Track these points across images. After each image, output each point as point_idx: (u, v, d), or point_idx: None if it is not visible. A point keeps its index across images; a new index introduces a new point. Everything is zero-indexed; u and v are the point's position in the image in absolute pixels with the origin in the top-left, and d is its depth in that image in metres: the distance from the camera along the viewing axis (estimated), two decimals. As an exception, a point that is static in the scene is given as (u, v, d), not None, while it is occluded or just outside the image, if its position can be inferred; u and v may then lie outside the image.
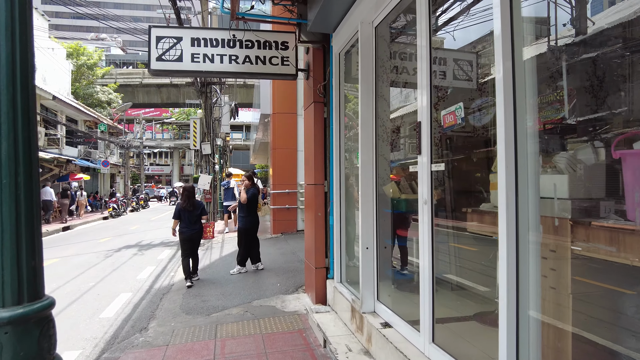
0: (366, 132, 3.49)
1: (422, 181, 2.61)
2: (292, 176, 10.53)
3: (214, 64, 4.61)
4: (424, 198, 2.55)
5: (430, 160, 2.52)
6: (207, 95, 12.68)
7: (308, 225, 4.92)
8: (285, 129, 10.49)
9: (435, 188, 4.37)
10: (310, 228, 4.75)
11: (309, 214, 4.86)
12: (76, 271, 7.55)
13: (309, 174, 4.90)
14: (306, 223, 5.05)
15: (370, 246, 3.41)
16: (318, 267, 4.57)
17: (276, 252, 7.99)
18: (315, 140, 4.63)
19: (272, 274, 6.31)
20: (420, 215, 2.60)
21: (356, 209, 4.32)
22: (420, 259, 2.62)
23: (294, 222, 10.54)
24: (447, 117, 2.46)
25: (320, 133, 4.65)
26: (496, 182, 3.18)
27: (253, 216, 6.64)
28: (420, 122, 2.59)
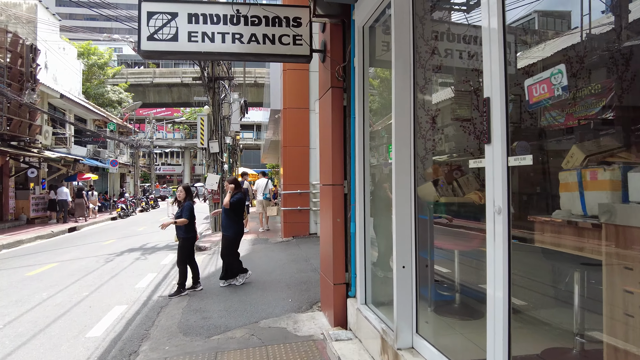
0: (401, 121, 2.76)
1: (491, 181, 1.87)
2: (304, 175, 9.83)
3: (215, 44, 3.93)
4: (497, 205, 1.81)
5: (506, 151, 1.79)
6: (215, 91, 12.07)
7: (324, 233, 4.21)
8: (296, 125, 9.80)
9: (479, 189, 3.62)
10: (327, 236, 4.03)
11: (326, 220, 4.15)
12: (72, 278, 6.98)
13: (325, 172, 4.18)
14: (322, 230, 4.33)
15: (407, 264, 2.68)
16: (337, 282, 3.85)
17: (287, 259, 7.30)
18: (332, 133, 3.91)
19: (283, 285, 5.60)
20: (490, 229, 1.87)
21: (384, 215, 3.59)
22: (489, 286, 1.88)
23: (306, 225, 9.84)
24: (535, 88, 1.72)
25: (338, 124, 3.93)
26: (569, 182, 2.43)
27: (240, 225, 5.94)
28: (490, 97, 1.85)
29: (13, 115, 13.19)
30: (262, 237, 10.53)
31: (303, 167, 9.82)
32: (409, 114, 2.73)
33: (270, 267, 6.81)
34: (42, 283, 6.64)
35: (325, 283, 4.15)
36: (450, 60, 3.67)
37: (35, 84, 14.25)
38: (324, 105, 4.21)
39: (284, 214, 9.84)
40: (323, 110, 4.26)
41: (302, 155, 9.82)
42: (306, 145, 9.85)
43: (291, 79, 9.75)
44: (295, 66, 9.75)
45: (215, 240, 10.20)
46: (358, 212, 3.57)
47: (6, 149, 13.10)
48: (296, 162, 9.81)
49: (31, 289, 6.28)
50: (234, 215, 5.79)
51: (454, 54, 3.68)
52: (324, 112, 4.19)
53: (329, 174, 3.95)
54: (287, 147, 9.85)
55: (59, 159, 16.61)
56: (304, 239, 9.41)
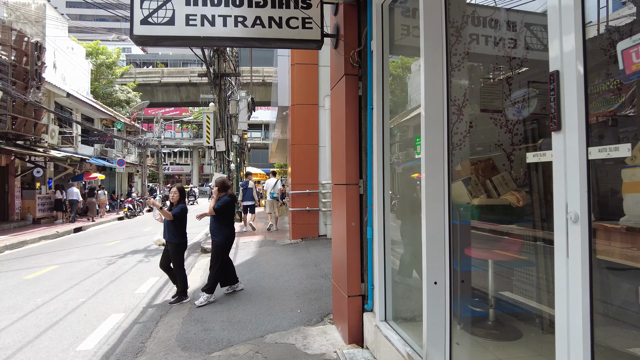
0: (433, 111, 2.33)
1: (562, 179, 1.43)
2: (313, 175, 9.42)
3: (215, 28, 3.53)
4: (572, 211, 1.37)
5: (585, 140, 1.34)
6: (221, 88, 11.72)
7: (337, 238, 3.78)
8: (305, 122, 9.39)
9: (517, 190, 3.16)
10: (340, 242, 3.61)
11: (338, 223, 3.73)
12: (70, 282, 6.67)
13: (337, 171, 3.76)
14: (334, 235, 3.91)
15: (440, 279, 2.25)
16: (352, 294, 3.43)
17: (295, 264, 6.89)
18: (346, 126, 3.48)
19: (291, 294, 5.19)
20: (560, 241, 1.43)
21: (408, 219, 3.16)
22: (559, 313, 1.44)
23: (315, 226, 9.42)
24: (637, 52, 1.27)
25: (353, 116, 3.50)
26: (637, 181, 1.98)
27: (231, 228, 5.34)
28: (559, 71, 1.41)
29: (18, 114, 13.01)
30: (270, 238, 10.15)
31: (312, 166, 9.41)
32: (441, 103, 2.30)
33: (277, 271, 6.41)
34: (38, 287, 6.34)
35: (338, 294, 3.73)
36: (482, 46, 3.24)
37: (40, 83, 14.07)
38: (336, 95, 3.79)
39: (292, 214, 9.44)
40: (335, 101, 3.83)
41: (311, 153, 9.41)
42: (315, 143, 9.43)
43: (300, 73, 9.34)
44: (304, 60, 9.34)
45: (221, 242, 9.85)
46: (376, 215, 3.14)
47: (11, 148, 12.93)
48: (305, 160, 9.40)
49: (26, 294, 5.97)
50: (223, 219, 5.19)
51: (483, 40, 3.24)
52: (337, 104, 3.77)
53: (342, 173, 3.53)
54: (296, 145, 9.45)
55: (65, 158, 16.46)
56: (313, 241, 8.99)
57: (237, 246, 9.23)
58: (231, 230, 5.31)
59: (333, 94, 3.95)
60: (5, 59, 12.84)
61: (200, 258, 8.49)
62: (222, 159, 11.89)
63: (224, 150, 11.71)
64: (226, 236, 5.21)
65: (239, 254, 8.31)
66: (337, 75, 3.72)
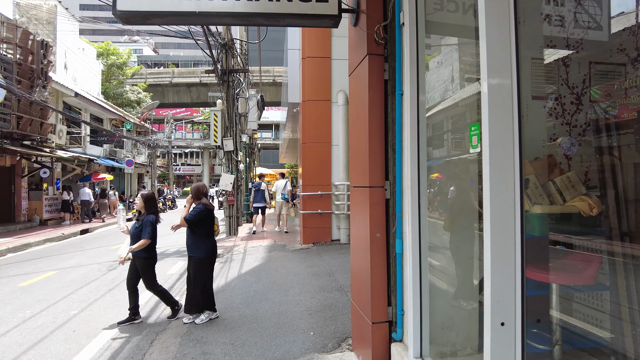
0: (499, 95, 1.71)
1: None
2: (325, 175, 8.83)
3: (214, 2, 2.98)
4: None
5: None
6: (229, 85, 11.22)
7: (357, 252, 3.18)
8: (317, 119, 8.81)
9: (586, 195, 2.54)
10: (362, 256, 3.01)
11: (359, 233, 3.13)
12: (66, 290, 6.21)
13: (358, 170, 3.16)
14: (353, 247, 3.31)
15: (508, 319, 1.63)
16: (376, 321, 2.83)
17: (307, 272, 6.30)
18: (370, 117, 2.88)
19: (303, 310, 4.59)
20: None
21: (454, 231, 2.55)
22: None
23: (327, 230, 8.83)
24: None
25: (378, 104, 2.90)
26: None
27: (211, 241, 4.57)
28: None
29: (23, 114, 12.73)
30: (280, 242, 9.60)
31: (324, 166, 8.82)
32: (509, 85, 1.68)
33: (287, 282, 5.84)
34: (31, 296, 5.88)
35: (359, 318, 3.13)
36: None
37: (46, 81, 13.78)
38: (356, 81, 3.19)
39: (303, 218, 8.87)
40: (356, 88, 3.24)
41: (324, 152, 8.82)
42: (328, 142, 8.84)
43: (311, 67, 8.77)
44: (316, 53, 8.77)
45: (229, 246, 9.34)
46: (409, 225, 2.53)
47: (16, 148, 12.64)
48: (317, 160, 8.82)
49: (17, 304, 5.51)
50: (199, 230, 4.42)
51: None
52: (357, 91, 3.17)
53: (364, 173, 2.93)
54: (307, 144, 8.87)
55: (72, 158, 16.19)
56: (326, 247, 8.40)
57: (246, 251, 8.70)
58: (212, 243, 4.55)
59: (352, 81, 3.36)
60: (10, 57, 12.57)
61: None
62: (230, 158, 11.38)
63: (232, 149, 11.20)
64: (207, 249, 4.44)
65: (247, 260, 7.77)
66: (358, 56, 3.12)
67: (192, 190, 4.53)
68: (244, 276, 6.50)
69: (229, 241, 10.16)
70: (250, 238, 10.59)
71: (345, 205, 8.41)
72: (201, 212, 4.38)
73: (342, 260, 6.87)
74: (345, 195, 8.42)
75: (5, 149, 12.31)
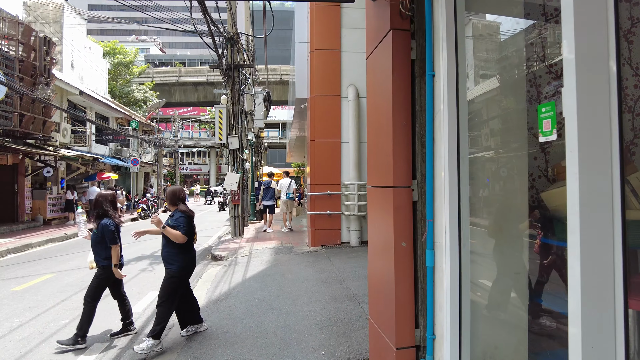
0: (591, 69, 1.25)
1: None
2: (334, 174, 8.38)
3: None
4: None
5: None
6: (235, 80, 10.81)
7: (377, 263, 2.73)
8: (326, 114, 8.36)
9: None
10: (383, 269, 2.56)
11: (379, 241, 2.67)
12: (60, 296, 5.85)
13: (378, 168, 2.71)
14: (372, 257, 2.85)
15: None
16: (402, 346, 2.37)
17: (316, 279, 5.85)
18: (394, 104, 2.42)
19: (312, 324, 4.14)
20: None
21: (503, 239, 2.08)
22: None
23: (337, 232, 8.38)
24: None
25: (403, 88, 2.44)
26: None
27: (190, 254, 3.98)
28: None
29: (25, 111, 12.47)
30: (287, 244, 9.17)
31: (334, 164, 8.37)
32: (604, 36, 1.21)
33: (294, 289, 5.40)
34: (22, 303, 5.53)
35: (379, 340, 2.67)
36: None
37: (49, 79, 13.52)
38: (376, 63, 2.74)
39: (311, 219, 8.42)
40: (375, 71, 2.78)
41: (333, 150, 8.37)
42: (337, 139, 8.39)
43: (320, 60, 8.32)
44: (325, 45, 8.32)
45: (234, 248, 8.93)
46: (447, 233, 2.08)
47: (18, 147, 12.38)
48: (326, 158, 8.37)
49: (6, 311, 5.16)
50: (183, 244, 3.84)
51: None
52: (377, 75, 2.71)
53: (387, 170, 2.48)
54: (315, 141, 8.42)
55: (76, 157, 15.93)
56: (335, 250, 7.95)
57: (251, 253, 8.29)
58: (190, 257, 3.95)
59: (371, 64, 2.90)
60: (13, 53, 12.31)
61: (210, 267, 7.58)
62: (236, 157, 10.98)
63: (237, 147, 10.79)
64: (182, 264, 3.82)
65: (252, 263, 7.35)
66: (378, 34, 2.66)
67: (168, 195, 3.95)
68: (248, 282, 6.08)
69: (234, 243, 9.77)
70: (256, 239, 10.18)
71: (356, 205, 7.95)
72: (182, 220, 3.80)
73: (353, 266, 6.41)
74: (355, 195, 7.96)
75: (7, 148, 12.05)
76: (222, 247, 9.33)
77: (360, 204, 7.99)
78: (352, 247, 8.11)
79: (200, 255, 9.14)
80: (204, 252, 9.43)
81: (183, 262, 3.83)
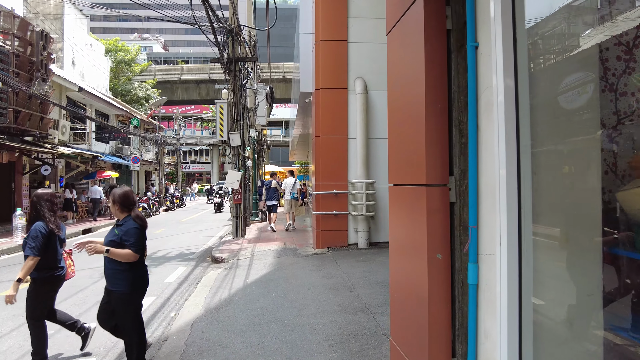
0: None
1: None
2: (341, 172, 7.93)
3: None
4: None
5: None
6: (236, 74, 10.38)
7: (402, 275, 2.28)
8: (332, 109, 7.91)
9: None
10: (410, 282, 2.12)
11: (405, 250, 2.23)
12: (48, 303, 5.43)
13: (403, 162, 2.26)
14: (395, 268, 2.40)
15: None
16: (437, 381, 1.93)
17: (323, 285, 5.41)
18: (427, 83, 1.97)
19: (321, 339, 3.69)
20: None
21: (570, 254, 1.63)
22: None
23: (343, 234, 7.94)
24: None
25: (438, 65, 1.99)
26: None
27: (141, 269, 3.19)
28: None
29: (21, 108, 12.09)
30: (290, 245, 8.74)
31: (340, 162, 7.92)
32: None
33: (300, 297, 4.96)
34: (6, 310, 5.11)
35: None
36: None
37: (46, 74, 13.13)
38: (402, 36, 2.29)
39: (316, 219, 7.99)
40: (399, 47, 2.33)
41: (339, 146, 7.93)
42: (344, 135, 7.94)
43: (325, 52, 7.87)
44: (331, 36, 7.87)
45: (235, 250, 8.52)
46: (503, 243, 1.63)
47: (13, 144, 12.01)
48: (332, 155, 7.93)
49: (-16, 322, 4.76)
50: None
51: None
52: (402, 51, 2.26)
53: (416, 164, 2.03)
54: (321, 137, 7.98)
55: (75, 155, 15.57)
56: (342, 252, 7.51)
57: (253, 255, 7.87)
58: (141, 275, 3.15)
59: (393, 40, 2.45)
60: (8, 48, 11.93)
61: (210, 270, 7.16)
62: (237, 154, 10.56)
63: (239, 144, 10.37)
64: (132, 281, 3.04)
65: (254, 267, 6.93)
66: (403, 1, 2.21)
67: (119, 198, 3.11)
68: (250, 287, 5.65)
69: (236, 244, 9.35)
70: (258, 240, 9.76)
71: (364, 205, 7.50)
72: (137, 233, 3.00)
73: (362, 270, 5.97)
74: (363, 194, 7.52)
75: (2, 145, 11.69)
76: (223, 248, 8.92)
77: (369, 204, 7.54)
78: (359, 249, 7.67)
79: (200, 256, 8.74)
80: (204, 254, 9.03)
81: (133, 281, 3.05)
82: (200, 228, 14.37)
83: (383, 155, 7.96)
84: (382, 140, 7.96)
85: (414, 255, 2.08)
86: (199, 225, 15.23)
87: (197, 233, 12.95)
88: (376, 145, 7.91)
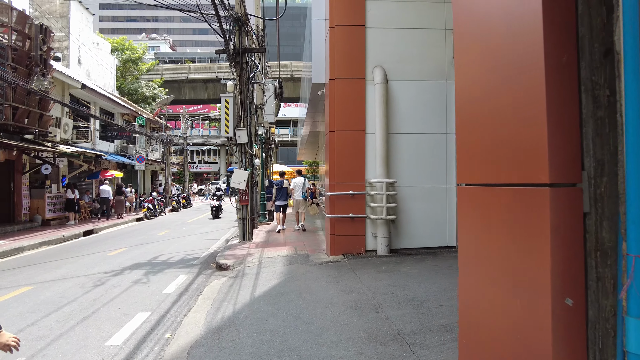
0: None
1: None
2: (358, 171, 7.18)
3: None
4: None
5: None
6: (243, 67, 9.68)
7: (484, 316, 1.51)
8: (348, 101, 7.16)
9: None
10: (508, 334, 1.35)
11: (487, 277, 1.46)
12: (30, 317, 4.79)
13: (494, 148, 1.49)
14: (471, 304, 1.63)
15: None
16: None
17: (343, 303, 4.64)
18: (545, 24, 1.21)
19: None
20: None
21: None
22: None
23: (361, 239, 7.18)
24: None
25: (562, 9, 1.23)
26: None
27: None
28: None
29: (19, 104, 11.55)
30: (301, 251, 8.00)
31: (357, 159, 7.16)
32: None
33: (316, 317, 4.21)
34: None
35: None
36: None
37: (46, 70, 12.59)
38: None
39: (330, 223, 7.23)
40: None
41: (356, 142, 7.17)
42: (362, 130, 7.18)
43: (341, 38, 7.12)
44: (347, 21, 7.12)
45: (242, 256, 7.81)
46: None
47: (11, 142, 11.46)
48: (347, 152, 7.17)
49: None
50: None
51: None
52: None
53: (527, 151, 1.27)
54: (335, 132, 7.23)
55: (77, 154, 15.03)
56: (361, 261, 6.74)
57: (261, 262, 7.15)
58: None
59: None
60: (6, 41, 11.40)
61: (213, 279, 6.46)
62: (244, 152, 9.85)
63: (245, 142, 9.66)
64: None
65: (262, 276, 6.21)
66: None
67: None
68: (257, 302, 4.93)
69: (242, 248, 8.65)
70: (266, 245, 9.05)
71: (384, 208, 6.73)
72: None
73: (387, 284, 5.20)
74: (383, 195, 6.75)
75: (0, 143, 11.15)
76: (229, 253, 8.22)
77: (389, 206, 6.77)
78: (379, 256, 6.90)
79: (204, 262, 8.06)
80: (209, 259, 8.35)
81: None
82: (205, 230, 13.72)
83: (405, 152, 7.19)
84: (405, 136, 7.19)
85: (514, 294, 1.32)
86: (204, 227, 14.60)
87: (202, 235, 12.31)
88: (397, 141, 7.15)
